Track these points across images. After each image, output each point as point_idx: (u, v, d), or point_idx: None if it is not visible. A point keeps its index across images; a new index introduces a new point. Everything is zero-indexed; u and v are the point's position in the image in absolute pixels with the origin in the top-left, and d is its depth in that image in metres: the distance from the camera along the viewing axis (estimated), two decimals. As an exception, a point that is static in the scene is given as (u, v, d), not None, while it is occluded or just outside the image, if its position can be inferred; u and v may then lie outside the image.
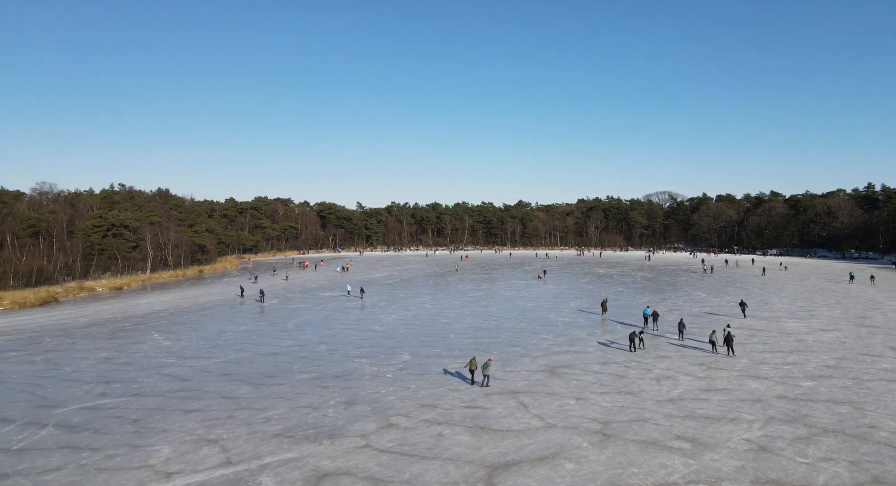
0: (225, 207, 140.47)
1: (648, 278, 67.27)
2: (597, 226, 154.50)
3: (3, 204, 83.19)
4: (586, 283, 63.10)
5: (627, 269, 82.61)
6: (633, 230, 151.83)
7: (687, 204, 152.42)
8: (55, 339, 34.70)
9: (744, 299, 44.23)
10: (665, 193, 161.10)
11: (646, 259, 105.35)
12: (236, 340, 33.29)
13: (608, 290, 55.63)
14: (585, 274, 74.30)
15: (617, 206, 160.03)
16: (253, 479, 14.44)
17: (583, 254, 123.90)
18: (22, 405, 21.39)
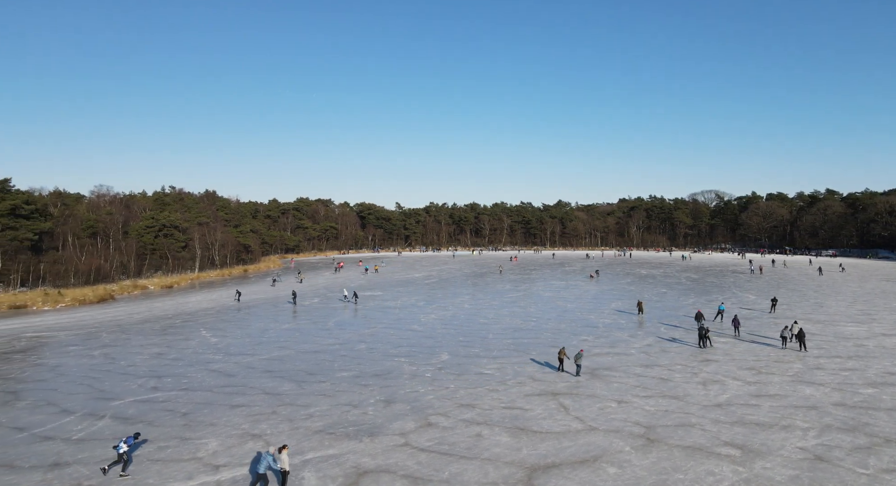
0: (268, 207, 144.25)
1: (693, 280, 65.22)
2: (639, 226, 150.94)
3: (65, 206, 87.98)
4: (627, 284, 61.71)
5: (671, 270, 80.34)
6: (677, 230, 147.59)
7: (735, 203, 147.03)
8: (111, 334, 36.41)
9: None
10: (711, 192, 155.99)
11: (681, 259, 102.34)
12: (279, 337, 34.11)
13: (651, 291, 54.24)
14: (627, 275, 72.69)
15: (660, 205, 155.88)
16: (295, 474, 14.73)
17: (624, 254, 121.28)
18: (81, 397, 22.52)
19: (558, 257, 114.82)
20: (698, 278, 66.43)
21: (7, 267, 60.99)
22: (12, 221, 66.28)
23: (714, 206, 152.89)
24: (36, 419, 19.81)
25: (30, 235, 67.16)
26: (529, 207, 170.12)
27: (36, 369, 27.55)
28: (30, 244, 67.28)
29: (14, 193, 71.77)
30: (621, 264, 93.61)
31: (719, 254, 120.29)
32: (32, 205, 71.98)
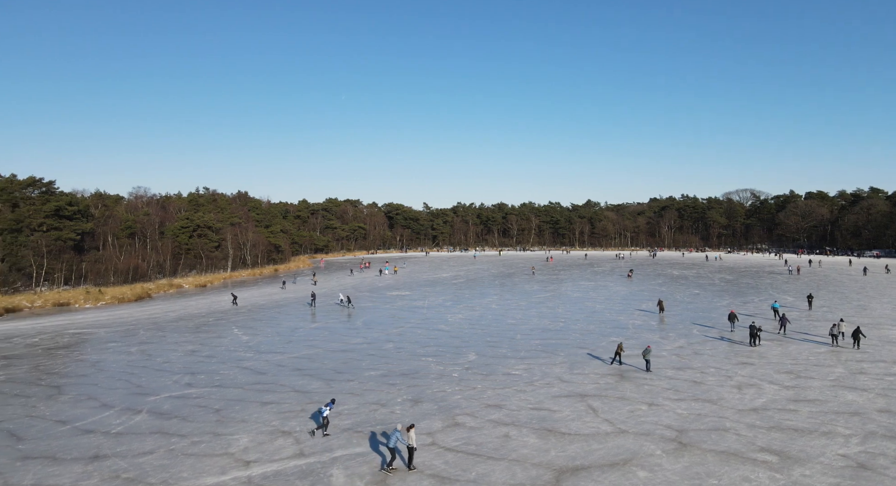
0: (298, 208, 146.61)
1: (728, 281, 63.52)
2: (670, 226, 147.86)
3: (105, 207, 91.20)
4: (658, 285, 60.49)
5: (704, 270, 78.44)
6: (710, 230, 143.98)
7: (771, 202, 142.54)
8: (148, 332, 37.51)
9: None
10: (747, 191, 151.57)
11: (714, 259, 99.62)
12: (308, 336, 34.59)
13: (683, 292, 53.06)
14: (658, 276, 71.27)
15: (693, 205, 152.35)
16: (324, 471, 14.90)
17: (655, 255, 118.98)
18: (120, 392, 23.26)
19: (591, 258, 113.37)
20: (733, 279, 64.67)
21: (52, 266, 63.50)
22: (56, 222, 69.00)
23: (749, 205, 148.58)
24: (77, 412, 20.55)
25: (72, 235, 69.79)
26: (558, 206, 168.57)
27: (78, 364, 28.58)
28: (72, 244, 69.92)
29: (58, 195, 74.72)
30: (652, 264, 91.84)
31: (755, 255, 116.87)
32: (75, 206, 74.78)
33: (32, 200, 70.76)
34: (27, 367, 27.83)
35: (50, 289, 60.67)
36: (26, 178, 73.28)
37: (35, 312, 50.52)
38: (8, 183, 71.24)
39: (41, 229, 66.18)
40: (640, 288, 56.48)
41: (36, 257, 61.80)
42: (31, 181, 73.29)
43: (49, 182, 74.73)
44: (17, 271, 61.16)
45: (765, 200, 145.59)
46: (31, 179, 73.34)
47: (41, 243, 62.95)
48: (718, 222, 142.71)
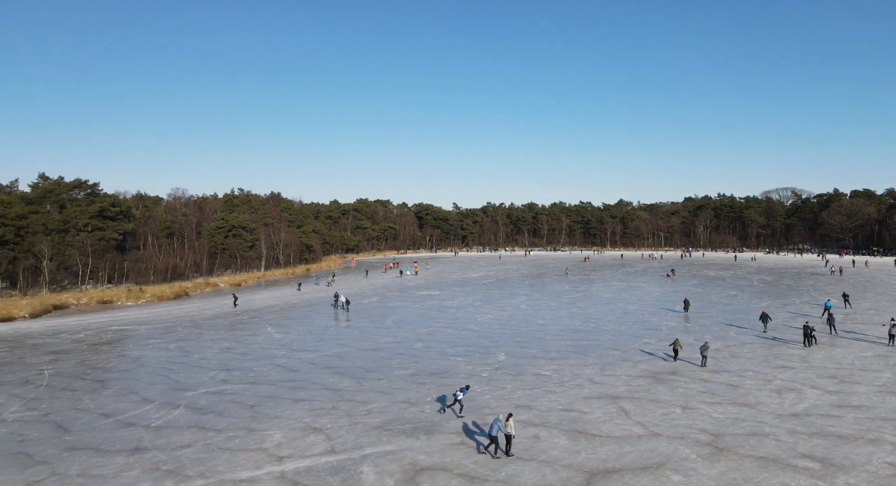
0: (329, 208, 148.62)
1: (767, 282, 61.56)
2: (706, 226, 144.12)
3: (145, 208, 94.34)
4: (694, 286, 59.06)
5: (742, 271, 76.21)
6: (748, 230, 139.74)
7: (814, 201, 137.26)
8: (186, 329, 38.63)
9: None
10: (787, 190, 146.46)
11: (734, 259, 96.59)
12: (339, 335, 35.04)
13: (720, 294, 51.68)
14: (693, 276, 69.60)
15: (730, 204, 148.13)
16: (355, 468, 15.07)
17: (690, 255, 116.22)
18: (159, 387, 24.02)
19: (626, 258, 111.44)
20: (772, 281, 62.65)
21: (96, 265, 66.05)
22: (100, 223, 71.74)
23: (790, 204, 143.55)
24: (120, 406, 21.32)
25: (115, 235, 72.43)
26: (589, 206, 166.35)
27: (120, 360, 29.65)
28: (115, 244, 72.58)
29: (102, 196, 77.68)
30: (687, 265, 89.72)
31: (796, 255, 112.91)
32: (118, 207, 77.62)
33: (78, 201, 73.74)
34: (73, 362, 29.01)
35: (94, 287, 63.09)
36: (72, 180, 76.43)
37: (81, 309, 52.63)
38: (56, 185, 74.43)
39: (86, 230, 68.89)
40: (673, 289, 55.26)
41: (81, 257, 64.37)
42: (77, 183, 76.38)
43: (94, 184, 77.76)
44: (65, 270, 63.84)
45: (807, 199, 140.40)
46: (77, 182, 76.44)
47: (86, 243, 65.54)
48: (757, 222, 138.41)
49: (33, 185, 76.06)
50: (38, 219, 66.45)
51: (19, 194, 74.97)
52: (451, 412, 19.41)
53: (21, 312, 47.63)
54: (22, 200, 70.06)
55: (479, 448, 16.05)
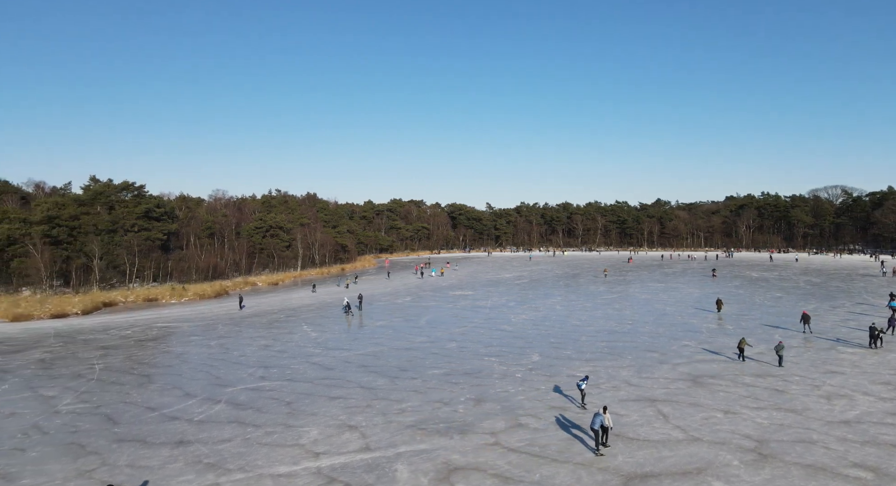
0: (363, 209, 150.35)
1: (815, 284, 59.09)
2: (748, 225, 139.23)
3: (188, 209, 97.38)
4: (735, 287, 57.20)
5: (787, 272, 73.38)
6: (794, 230, 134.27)
7: (866, 199, 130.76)
8: (226, 327, 39.74)
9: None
10: (837, 188, 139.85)
11: (769, 259, 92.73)
12: (373, 334, 35.41)
13: (764, 295, 49.90)
14: (735, 277, 67.42)
15: (774, 203, 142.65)
16: (389, 466, 15.19)
17: (729, 255, 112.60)
18: (201, 382, 24.79)
19: (667, 259, 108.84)
20: (820, 282, 60.09)
21: (142, 264, 68.65)
22: (146, 223, 74.50)
23: (840, 203, 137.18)
24: (164, 400, 22.09)
25: (160, 235, 75.09)
26: (625, 206, 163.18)
27: (165, 355, 30.73)
28: (160, 244, 75.23)
29: (147, 198, 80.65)
30: (728, 265, 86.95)
31: (846, 256, 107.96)
32: (162, 208, 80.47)
33: (126, 202, 76.72)
34: (122, 357, 30.23)
35: (140, 285, 65.59)
36: (121, 182, 79.62)
37: (128, 306, 54.81)
38: (105, 187, 77.68)
39: (133, 230, 71.64)
40: (714, 290, 53.65)
41: (129, 256, 67.01)
42: (125, 185, 79.52)
43: (140, 186, 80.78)
44: (113, 269, 66.61)
45: (858, 198, 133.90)
46: (125, 184, 79.59)
47: (133, 243, 68.17)
48: (803, 222, 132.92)
49: (85, 187, 79.59)
50: (89, 220, 69.53)
51: (72, 196, 78.61)
52: (484, 413, 19.36)
53: (74, 308, 49.95)
54: (74, 201, 73.43)
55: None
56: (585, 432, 17.27)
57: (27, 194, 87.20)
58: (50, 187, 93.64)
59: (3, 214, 63.93)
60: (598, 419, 15.85)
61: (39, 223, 63.06)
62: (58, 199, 73.35)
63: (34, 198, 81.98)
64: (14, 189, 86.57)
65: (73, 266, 63.48)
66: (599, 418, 15.85)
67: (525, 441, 16.67)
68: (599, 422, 15.84)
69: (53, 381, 25.33)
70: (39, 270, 58.60)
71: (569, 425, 17.97)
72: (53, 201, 70.10)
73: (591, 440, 16.61)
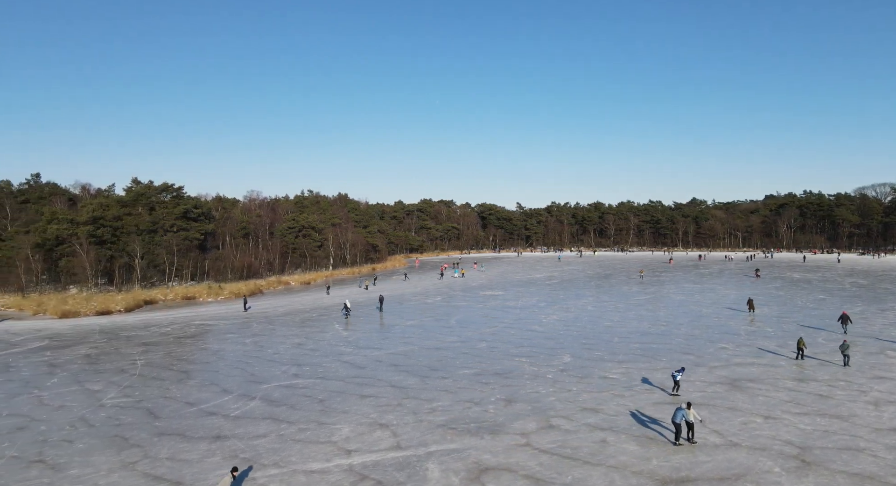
0: (394, 209, 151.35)
1: (861, 286, 56.71)
2: (789, 225, 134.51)
3: (224, 209, 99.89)
4: (776, 288, 55.37)
5: (832, 274, 70.64)
6: (839, 230, 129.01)
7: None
8: (260, 325, 40.60)
9: None
10: (886, 185, 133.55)
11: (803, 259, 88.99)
12: (404, 333, 35.61)
13: (806, 297, 48.17)
14: (775, 278, 65.27)
15: (817, 202, 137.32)
16: (420, 464, 15.26)
17: (771, 256, 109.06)
18: (237, 379, 25.39)
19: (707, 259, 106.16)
20: (868, 284, 57.63)
21: (181, 263, 70.78)
22: (185, 223, 76.74)
23: (889, 201, 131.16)
24: (203, 395, 22.72)
25: (197, 235, 77.21)
26: (659, 205, 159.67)
27: (202, 352, 31.60)
28: (197, 243, 77.37)
29: (186, 199, 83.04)
30: (768, 266, 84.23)
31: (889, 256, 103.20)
32: (200, 209, 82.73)
33: (165, 203, 79.19)
34: (162, 353, 31.23)
35: (179, 284, 67.61)
36: (160, 184, 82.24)
37: (167, 304, 56.58)
38: (146, 189, 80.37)
39: (172, 230, 73.90)
40: (753, 291, 52.05)
41: (168, 255, 69.17)
42: (165, 187, 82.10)
43: (179, 187, 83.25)
44: (154, 268, 68.88)
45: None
46: (164, 185, 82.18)
47: (172, 243, 70.33)
48: (849, 221, 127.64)
49: (127, 188, 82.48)
50: (131, 220, 72.06)
51: (115, 198, 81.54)
52: (515, 413, 19.25)
53: (117, 306, 51.85)
54: (118, 202, 76.18)
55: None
56: (618, 434, 17.00)
57: (74, 196, 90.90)
58: (95, 189, 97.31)
59: (52, 215, 66.80)
60: (679, 414, 16.14)
61: (85, 224, 65.66)
62: (102, 200, 76.23)
63: (80, 199, 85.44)
64: (62, 191, 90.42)
65: (116, 265, 65.90)
66: (682, 412, 16.13)
67: (556, 443, 16.51)
68: (681, 417, 16.13)
69: (98, 375, 26.34)
70: (85, 268, 61.03)
71: (602, 427, 17.71)
72: (98, 203, 72.90)
73: (624, 443, 16.34)
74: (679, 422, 16.19)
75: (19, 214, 78.10)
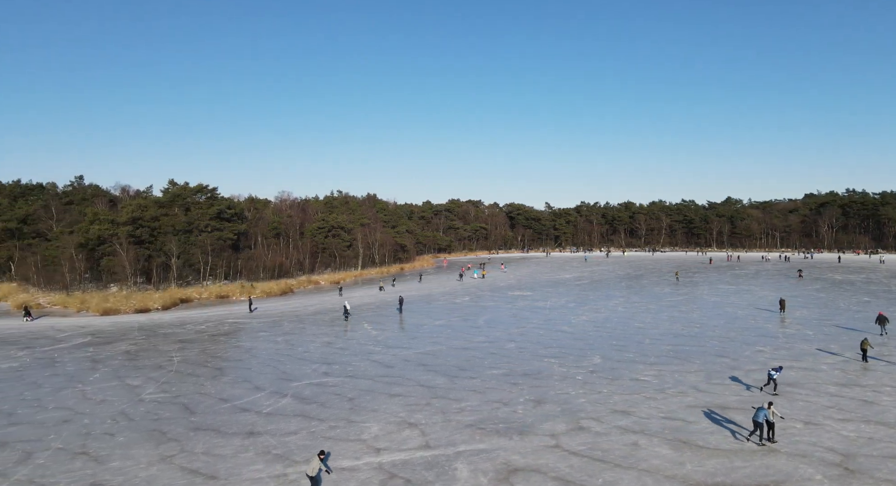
0: (422, 209, 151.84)
1: (907, 287, 54.25)
2: (831, 225, 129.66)
3: (256, 210, 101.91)
4: (816, 290, 53.48)
5: (876, 275, 67.84)
6: (884, 229, 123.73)
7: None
8: (291, 324, 41.28)
9: None
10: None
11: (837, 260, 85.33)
12: (432, 333, 35.69)
13: (849, 300, 46.38)
14: (816, 280, 63.04)
15: (861, 200, 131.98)
16: (449, 464, 15.27)
17: (811, 256, 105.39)
18: (269, 376, 25.87)
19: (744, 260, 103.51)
20: (913, 285, 55.10)
21: (215, 262, 72.53)
22: (218, 224, 78.58)
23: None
24: (236, 392, 23.23)
25: (231, 235, 78.99)
26: (692, 205, 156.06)
27: (235, 350, 32.31)
28: (231, 243, 79.16)
29: (219, 199, 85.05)
30: (808, 267, 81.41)
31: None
32: (233, 210, 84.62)
33: (200, 204, 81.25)
34: (197, 350, 32.05)
35: (213, 283, 69.28)
36: (195, 185, 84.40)
37: (202, 302, 58.05)
38: (182, 190, 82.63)
39: (206, 230, 75.76)
40: (792, 293, 50.40)
41: (203, 255, 70.95)
42: (199, 188, 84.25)
43: (213, 188, 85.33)
44: (189, 267, 70.75)
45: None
46: (199, 187, 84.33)
47: (207, 242, 72.14)
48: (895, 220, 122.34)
49: (164, 190, 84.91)
50: (167, 221, 74.15)
51: (153, 199, 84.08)
52: (544, 414, 19.08)
53: (155, 304, 53.47)
54: (155, 203, 78.53)
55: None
56: (650, 437, 16.68)
57: (115, 197, 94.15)
58: (134, 190, 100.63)
59: (94, 215, 69.29)
60: (761, 413, 16.05)
61: (125, 224, 67.88)
62: (141, 201, 78.65)
63: (121, 200, 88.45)
64: (104, 193, 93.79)
65: (153, 264, 67.93)
66: (763, 412, 16.04)
67: (587, 445, 16.30)
68: (763, 416, 16.03)
69: (138, 371, 27.20)
70: (125, 267, 63.08)
71: (633, 429, 17.40)
72: (137, 204, 75.24)
73: (656, 446, 16.03)
74: (761, 421, 16.03)
75: (64, 215, 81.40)
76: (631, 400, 20.45)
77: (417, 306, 48.67)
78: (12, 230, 77.75)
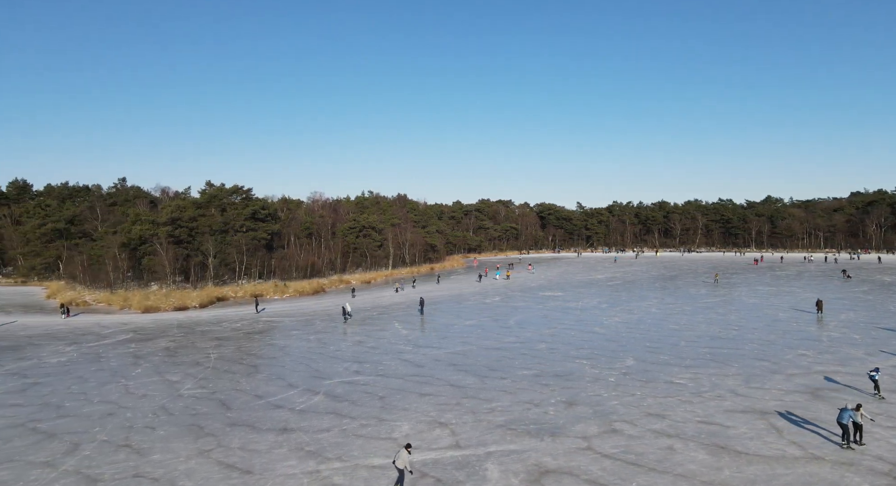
0: (452, 209, 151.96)
1: (962, 289, 51.52)
2: (879, 224, 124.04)
3: (289, 210, 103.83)
4: (863, 292, 51.28)
5: (927, 276, 64.60)
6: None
7: None
8: (323, 322, 41.88)
9: None
10: None
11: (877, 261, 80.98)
12: (462, 333, 35.68)
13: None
14: (863, 282, 60.46)
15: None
16: (479, 464, 15.23)
17: (859, 257, 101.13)
18: (302, 374, 26.32)
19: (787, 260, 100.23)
20: (970, 288, 52.29)
21: (249, 262, 74.22)
22: (253, 224, 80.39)
23: None
24: (270, 389, 23.71)
25: (265, 235, 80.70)
26: (729, 204, 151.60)
27: (269, 348, 32.99)
28: (265, 243, 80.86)
29: (254, 200, 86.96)
30: (854, 268, 78.14)
31: None
32: (267, 210, 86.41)
33: (235, 205, 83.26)
34: (232, 348, 32.86)
35: (248, 282, 70.91)
36: (231, 186, 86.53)
37: (237, 301, 59.47)
38: (219, 191, 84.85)
39: (242, 230, 77.61)
40: (837, 296, 48.47)
41: (238, 254, 72.71)
42: (235, 189, 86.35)
43: (248, 189, 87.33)
44: (225, 266, 72.60)
45: None
46: (234, 188, 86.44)
47: (242, 242, 73.88)
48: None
49: (202, 191, 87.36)
50: (205, 221, 76.25)
51: (191, 200, 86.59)
52: (576, 416, 18.84)
53: (192, 302, 55.07)
54: (193, 204, 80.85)
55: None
56: (686, 441, 16.28)
57: (155, 198, 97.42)
58: (173, 192, 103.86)
59: (136, 216, 71.84)
60: (846, 415, 15.67)
61: (165, 225, 70.12)
62: (179, 202, 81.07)
63: (161, 201, 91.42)
64: (145, 194, 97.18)
65: (191, 263, 69.94)
66: (848, 413, 15.65)
67: (620, 448, 16.02)
68: (848, 418, 15.64)
69: (177, 367, 28.06)
70: (165, 266, 65.16)
71: (668, 433, 17.02)
72: (176, 204, 77.62)
73: (692, 451, 15.63)
74: (846, 423, 15.56)
75: (108, 216, 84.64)
76: (665, 403, 20.01)
77: (447, 306, 48.74)
78: (60, 230, 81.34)
